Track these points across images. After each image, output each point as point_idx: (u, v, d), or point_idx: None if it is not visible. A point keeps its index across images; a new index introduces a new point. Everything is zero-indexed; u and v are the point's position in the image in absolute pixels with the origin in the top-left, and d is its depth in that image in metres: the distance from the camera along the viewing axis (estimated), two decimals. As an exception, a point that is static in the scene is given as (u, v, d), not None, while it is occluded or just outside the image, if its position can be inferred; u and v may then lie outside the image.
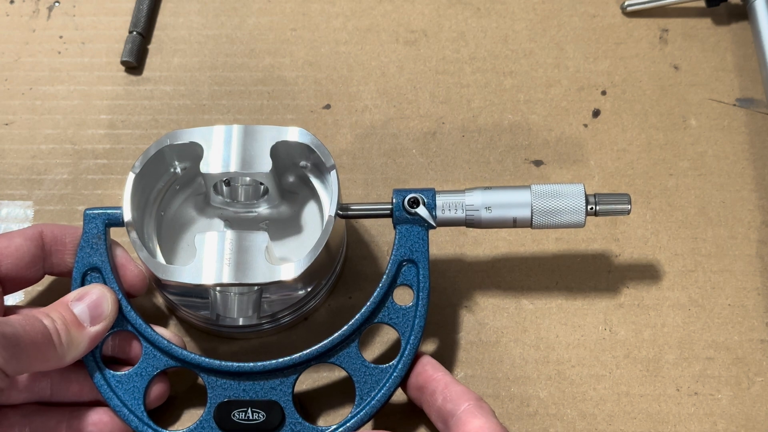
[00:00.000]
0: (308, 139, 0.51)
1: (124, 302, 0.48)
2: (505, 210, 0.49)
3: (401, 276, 0.49)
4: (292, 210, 0.55)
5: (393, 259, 0.48)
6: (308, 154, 0.52)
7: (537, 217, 0.49)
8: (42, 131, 0.62)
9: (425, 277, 0.48)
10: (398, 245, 0.49)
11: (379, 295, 0.48)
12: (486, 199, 0.49)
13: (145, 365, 0.48)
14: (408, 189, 0.49)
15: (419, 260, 0.48)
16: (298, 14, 0.66)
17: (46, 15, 0.66)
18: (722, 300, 0.56)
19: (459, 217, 0.49)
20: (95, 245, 0.49)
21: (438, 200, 0.49)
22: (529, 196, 0.49)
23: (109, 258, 0.49)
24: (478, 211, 0.49)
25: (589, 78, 0.63)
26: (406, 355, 0.48)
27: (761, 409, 0.53)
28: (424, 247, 0.49)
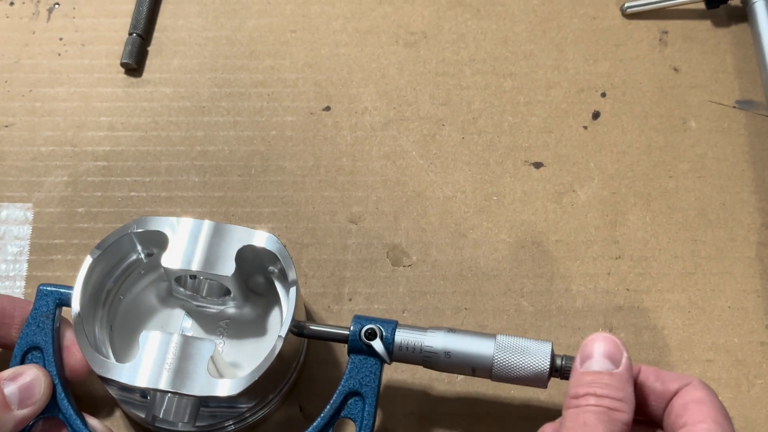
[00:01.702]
0: (275, 248, 0.49)
1: (59, 388, 0.46)
2: (465, 359, 0.46)
3: (346, 409, 0.46)
4: (255, 312, 0.53)
5: (340, 389, 0.46)
6: (276, 261, 0.50)
7: (497, 371, 0.46)
8: (42, 133, 0.62)
9: (370, 414, 0.46)
10: (348, 375, 0.46)
11: (318, 426, 0.46)
12: (447, 343, 0.46)
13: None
14: (370, 318, 0.47)
15: (367, 395, 0.46)
16: (298, 16, 0.66)
17: (46, 17, 0.66)
18: (722, 302, 0.56)
19: (416, 358, 0.47)
20: (42, 324, 0.47)
21: (397, 336, 0.47)
22: (492, 347, 0.46)
23: (54, 339, 0.47)
24: (436, 354, 0.46)
25: (589, 80, 0.63)
26: None
27: (761, 411, 0.53)
28: (375, 381, 0.46)
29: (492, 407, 0.53)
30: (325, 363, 0.54)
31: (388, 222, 0.58)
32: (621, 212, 0.59)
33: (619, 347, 0.43)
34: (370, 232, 0.58)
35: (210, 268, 0.48)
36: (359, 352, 0.47)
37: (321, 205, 0.59)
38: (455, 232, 0.58)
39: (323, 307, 0.56)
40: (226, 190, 0.60)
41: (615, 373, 0.42)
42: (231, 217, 0.59)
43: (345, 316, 0.56)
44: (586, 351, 0.43)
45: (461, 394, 0.53)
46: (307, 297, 0.56)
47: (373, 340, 0.47)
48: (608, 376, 0.42)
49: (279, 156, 0.61)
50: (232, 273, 0.48)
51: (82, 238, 0.58)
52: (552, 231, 0.58)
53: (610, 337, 0.43)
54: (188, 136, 0.61)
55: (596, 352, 0.43)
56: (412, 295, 0.56)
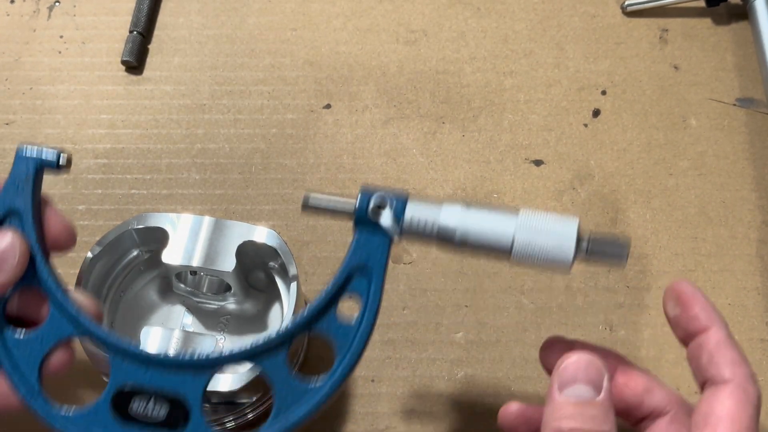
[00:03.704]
0: (276, 243, 0.49)
1: (39, 257, 0.43)
2: (482, 238, 0.41)
3: (350, 286, 0.42)
4: (256, 308, 0.53)
5: (345, 265, 0.42)
6: (276, 256, 0.50)
7: (517, 254, 0.40)
8: (42, 131, 0.62)
9: (376, 293, 0.42)
10: (354, 250, 0.42)
11: (321, 303, 0.42)
12: (464, 218, 0.41)
13: (48, 330, 0.43)
14: (379, 188, 0.42)
15: (374, 270, 0.42)
16: (299, 14, 0.66)
17: (47, 15, 0.66)
18: (722, 299, 0.56)
19: (428, 235, 0.41)
20: (21, 187, 0.43)
21: (409, 209, 0.42)
22: (513, 227, 0.40)
23: (34, 204, 0.43)
24: (451, 232, 0.41)
25: (589, 78, 0.63)
26: (336, 377, 0.42)
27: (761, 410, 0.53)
28: (383, 257, 0.42)
29: (492, 404, 0.53)
30: (323, 361, 0.54)
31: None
32: (621, 210, 0.59)
33: (600, 371, 0.39)
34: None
35: (210, 264, 0.48)
36: (366, 225, 0.42)
37: (321, 203, 0.59)
38: (456, 229, 0.58)
39: (324, 305, 0.56)
40: (226, 188, 0.60)
41: (598, 402, 0.38)
42: (231, 214, 0.59)
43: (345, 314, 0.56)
44: (565, 375, 0.39)
45: (462, 391, 0.53)
46: (308, 294, 0.56)
47: (381, 213, 0.42)
48: (592, 407, 0.38)
49: (279, 154, 0.61)
50: (233, 269, 0.49)
51: (83, 236, 0.58)
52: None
53: (591, 360, 0.39)
54: (189, 134, 0.61)
55: (577, 376, 0.39)
56: (412, 293, 0.56)
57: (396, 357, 0.54)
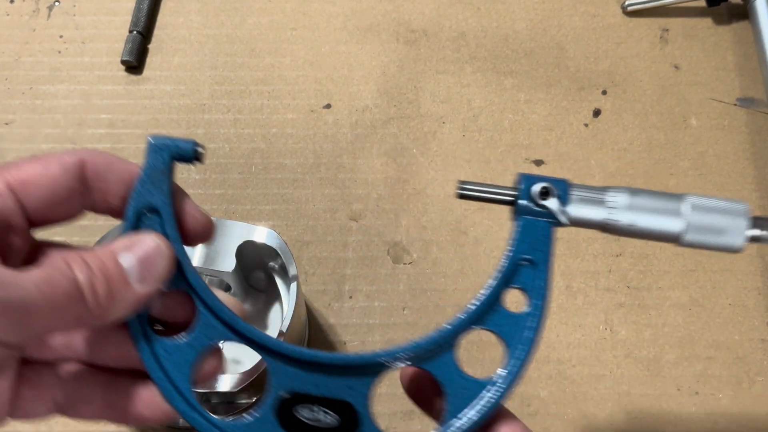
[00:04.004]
0: (275, 243, 0.49)
1: (183, 257, 0.40)
2: (650, 224, 0.41)
3: (517, 278, 0.40)
4: (256, 308, 0.53)
5: (509, 256, 0.40)
6: (276, 256, 0.50)
7: (687, 240, 0.40)
8: (42, 131, 0.61)
9: (544, 283, 0.40)
10: (518, 240, 0.40)
11: (488, 297, 0.40)
12: (631, 205, 0.41)
13: (199, 336, 0.40)
14: (536, 176, 0.41)
15: (540, 261, 0.41)
16: (299, 14, 0.66)
17: (47, 14, 0.66)
18: (723, 299, 0.56)
19: (596, 219, 0.41)
20: (158, 181, 0.40)
21: (573, 194, 0.41)
22: (680, 214, 0.40)
23: (172, 201, 0.40)
24: (619, 214, 0.41)
25: (590, 78, 0.63)
26: (510, 371, 0.40)
27: (762, 409, 0.53)
28: (549, 246, 0.41)
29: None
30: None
31: (388, 219, 0.58)
32: (622, 210, 0.59)
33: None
34: (371, 230, 0.58)
35: (210, 264, 0.48)
36: (528, 213, 0.41)
37: (321, 203, 0.59)
38: (456, 229, 0.58)
39: (324, 305, 0.56)
40: (226, 188, 0.60)
41: None
42: (231, 214, 0.59)
43: (345, 313, 0.56)
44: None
45: (462, 391, 0.53)
46: (307, 294, 0.56)
47: (547, 199, 0.41)
48: None
49: (279, 153, 0.61)
50: (233, 269, 0.49)
51: (83, 236, 0.58)
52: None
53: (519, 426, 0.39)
54: (189, 134, 0.61)
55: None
56: (412, 293, 0.56)
57: (396, 357, 0.54)
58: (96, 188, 0.40)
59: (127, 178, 0.40)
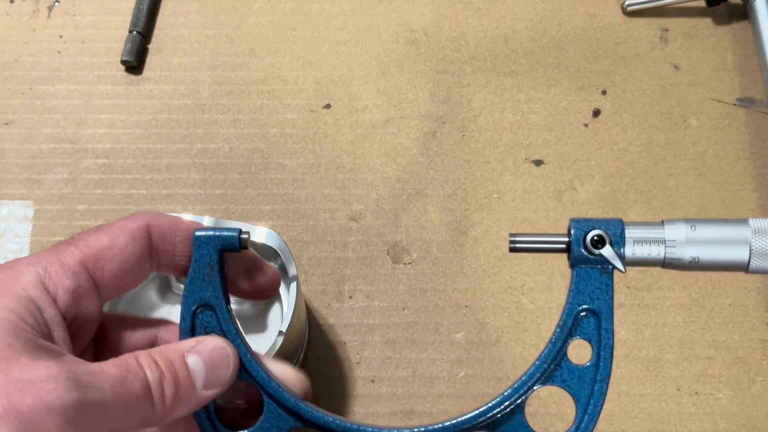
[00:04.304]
0: (275, 243, 0.49)
1: (243, 349, 0.40)
2: (715, 257, 0.39)
3: (579, 329, 0.40)
4: (255, 309, 0.53)
5: (568, 307, 0.40)
6: (276, 256, 0.50)
7: (756, 265, 0.39)
8: (42, 131, 0.61)
9: (609, 332, 0.39)
10: (575, 291, 0.40)
11: (552, 351, 0.39)
12: (691, 240, 0.39)
13: (267, 425, 0.40)
14: (589, 220, 0.40)
15: (602, 311, 0.39)
16: (299, 14, 0.66)
17: (46, 14, 0.66)
18: (723, 300, 0.56)
19: (655, 258, 0.39)
20: (207, 276, 0.40)
21: (628, 235, 0.39)
22: (747, 239, 0.39)
23: (224, 293, 0.41)
24: (680, 250, 0.39)
25: (590, 78, 0.63)
26: (583, 427, 0.40)
27: (762, 409, 0.53)
28: (609, 294, 0.40)
29: None
30: (324, 360, 0.54)
31: (388, 219, 0.58)
32: (622, 210, 0.59)
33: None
34: (371, 230, 0.58)
35: None
36: (584, 261, 0.40)
37: (321, 203, 0.59)
38: (456, 229, 0.58)
39: (323, 305, 0.56)
40: (226, 188, 0.60)
41: None
42: (231, 214, 0.59)
43: (345, 313, 0.56)
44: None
45: (462, 391, 0.53)
46: (307, 294, 0.56)
47: (601, 248, 0.39)
48: None
49: (279, 154, 0.61)
50: None
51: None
52: (552, 228, 0.58)
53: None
54: (188, 134, 0.61)
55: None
56: (412, 293, 0.56)
57: (396, 357, 0.54)
58: (162, 251, 0.40)
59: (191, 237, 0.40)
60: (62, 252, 0.37)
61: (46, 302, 0.35)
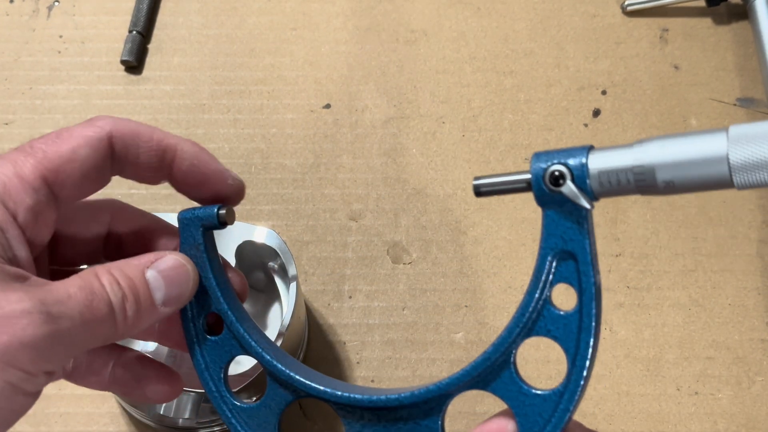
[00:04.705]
0: (275, 243, 0.49)
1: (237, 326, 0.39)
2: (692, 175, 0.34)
3: (557, 274, 0.36)
4: (255, 308, 0.53)
5: (541, 252, 0.36)
6: (276, 256, 0.50)
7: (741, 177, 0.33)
8: (42, 131, 0.61)
9: (587, 275, 0.36)
10: (546, 233, 0.36)
11: (530, 300, 0.36)
12: (663, 158, 0.34)
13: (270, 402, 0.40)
14: (550, 152, 0.35)
15: (577, 252, 0.36)
16: (298, 14, 0.66)
17: (46, 14, 0.66)
18: (723, 299, 0.56)
19: (626, 187, 0.35)
20: (195, 258, 0.39)
21: (592, 165, 0.34)
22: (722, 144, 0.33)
23: (214, 272, 0.40)
24: (651, 174, 0.34)
25: (590, 78, 0.63)
26: (574, 379, 0.37)
27: (762, 409, 0.53)
28: (582, 234, 0.36)
29: (491, 405, 0.53)
30: (324, 360, 0.54)
31: (388, 219, 0.58)
32: (621, 210, 0.59)
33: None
34: (371, 230, 0.58)
35: None
36: (550, 202, 0.35)
37: (321, 203, 0.59)
38: (455, 229, 0.58)
39: (323, 305, 0.56)
40: (226, 188, 0.59)
41: None
42: (231, 214, 0.59)
43: (345, 313, 0.56)
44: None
45: (462, 391, 0.53)
46: (307, 294, 0.56)
47: (561, 185, 0.35)
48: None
49: (279, 153, 0.61)
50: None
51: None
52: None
53: None
54: (188, 134, 0.61)
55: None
56: (412, 293, 0.56)
57: (396, 357, 0.54)
58: (125, 162, 0.39)
59: (156, 148, 0.39)
60: (20, 164, 0.35)
61: (7, 222, 0.34)
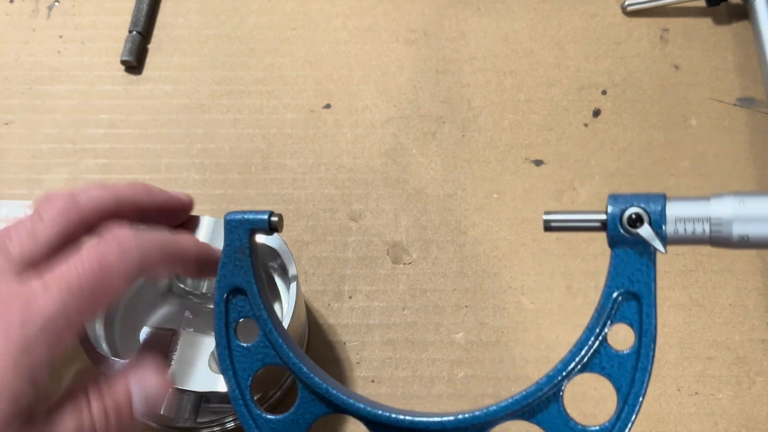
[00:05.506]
0: (275, 243, 0.49)
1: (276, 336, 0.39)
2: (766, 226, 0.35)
3: (619, 313, 0.38)
4: None
5: (606, 290, 0.38)
6: (276, 256, 0.50)
7: None
8: (42, 131, 0.61)
9: (650, 317, 0.37)
10: (614, 273, 0.37)
11: (589, 336, 0.37)
12: (740, 210, 0.35)
13: (301, 415, 0.40)
14: (628, 196, 0.37)
15: (642, 294, 0.37)
16: (299, 13, 0.66)
17: (46, 14, 0.66)
18: (723, 300, 0.56)
19: (700, 237, 0.36)
20: (239, 261, 0.40)
21: (669, 212, 0.36)
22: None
23: (257, 277, 0.40)
24: (728, 227, 0.35)
25: (590, 77, 0.63)
26: (624, 417, 0.38)
27: (762, 409, 0.53)
28: (650, 276, 0.37)
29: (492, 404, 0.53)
30: (324, 360, 0.54)
31: (388, 219, 0.58)
32: (622, 210, 0.59)
33: None
34: (371, 230, 0.58)
35: None
36: (623, 242, 0.37)
37: (321, 203, 0.59)
38: (456, 229, 0.58)
39: (323, 305, 0.56)
40: (226, 188, 0.59)
41: None
42: (231, 214, 0.58)
43: (345, 313, 0.56)
44: None
45: (462, 391, 0.53)
46: (307, 294, 0.56)
47: (639, 227, 0.36)
48: None
49: (279, 153, 0.61)
50: None
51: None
52: (552, 228, 0.58)
53: None
54: (188, 134, 0.61)
55: None
56: (412, 293, 0.56)
57: (396, 357, 0.54)
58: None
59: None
60: None
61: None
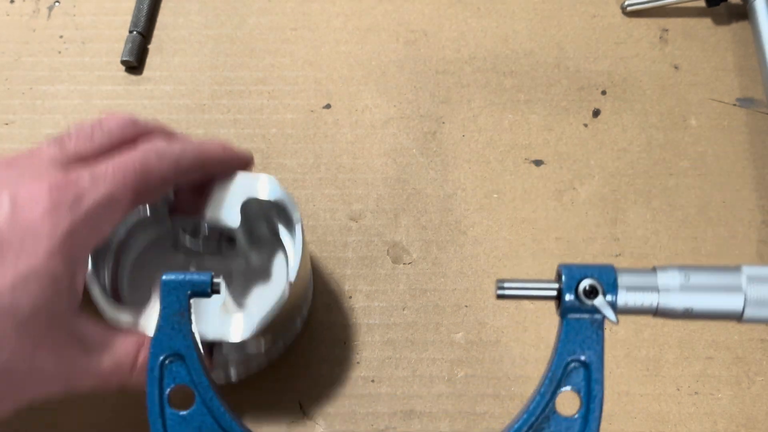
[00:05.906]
0: (276, 192, 0.49)
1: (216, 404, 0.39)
2: (708, 298, 0.38)
3: (568, 379, 0.39)
4: (261, 259, 0.54)
5: (557, 358, 0.39)
6: (280, 207, 0.50)
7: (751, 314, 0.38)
8: (42, 131, 0.62)
9: (598, 383, 0.38)
10: (565, 340, 0.38)
11: (541, 403, 0.38)
12: (685, 282, 0.38)
13: None
14: (580, 267, 0.38)
15: (592, 361, 0.38)
16: (299, 14, 0.66)
17: (46, 14, 0.66)
18: (722, 299, 0.56)
19: (648, 307, 0.39)
20: (177, 324, 0.39)
21: (620, 282, 0.38)
22: (739, 280, 0.38)
23: (194, 341, 0.39)
24: (673, 298, 0.38)
25: (589, 78, 0.63)
26: None
27: (761, 409, 0.53)
28: (599, 344, 0.38)
29: (491, 405, 0.53)
30: (324, 360, 0.55)
31: (388, 219, 0.58)
32: (621, 210, 0.59)
33: None
34: (371, 230, 0.58)
35: (216, 219, 0.48)
36: (575, 311, 0.38)
37: (321, 203, 0.59)
38: (455, 229, 0.58)
39: (323, 305, 0.56)
40: (226, 188, 0.60)
41: None
42: (231, 214, 0.59)
43: (345, 313, 0.56)
44: None
45: (462, 391, 0.53)
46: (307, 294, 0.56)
47: (594, 298, 0.38)
48: None
49: (279, 154, 0.61)
50: (238, 225, 0.48)
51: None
52: (552, 229, 0.58)
53: None
54: (188, 134, 0.61)
55: None
56: (412, 293, 0.56)
57: (396, 357, 0.54)
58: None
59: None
60: None
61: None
